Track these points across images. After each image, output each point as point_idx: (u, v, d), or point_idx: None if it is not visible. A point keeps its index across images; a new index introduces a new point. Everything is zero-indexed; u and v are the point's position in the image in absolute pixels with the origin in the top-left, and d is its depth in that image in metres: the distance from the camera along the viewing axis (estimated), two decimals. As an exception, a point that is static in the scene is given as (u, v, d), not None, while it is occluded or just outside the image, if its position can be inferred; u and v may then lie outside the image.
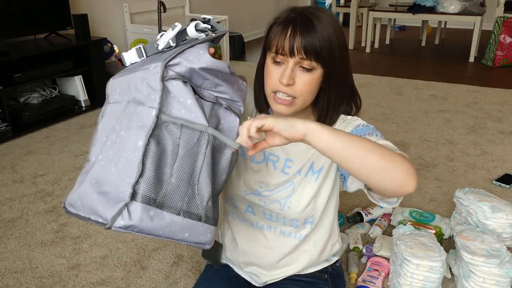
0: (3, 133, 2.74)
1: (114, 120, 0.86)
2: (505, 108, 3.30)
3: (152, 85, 0.81)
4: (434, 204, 2.04)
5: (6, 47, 2.74)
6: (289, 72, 0.94)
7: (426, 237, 1.49)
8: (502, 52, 4.46)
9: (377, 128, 1.02)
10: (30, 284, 1.58)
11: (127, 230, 0.76)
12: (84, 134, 2.89)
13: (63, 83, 3.28)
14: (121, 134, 0.81)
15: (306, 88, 0.96)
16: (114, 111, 0.87)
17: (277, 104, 0.99)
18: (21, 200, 2.11)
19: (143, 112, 0.80)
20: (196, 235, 0.83)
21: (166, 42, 0.89)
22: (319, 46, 0.92)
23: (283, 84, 0.95)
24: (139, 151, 0.77)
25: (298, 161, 1.08)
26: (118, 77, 0.89)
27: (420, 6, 4.92)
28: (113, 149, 0.81)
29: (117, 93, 0.88)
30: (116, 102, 0.88)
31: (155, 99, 0.79)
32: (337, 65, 0.97)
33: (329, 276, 1.21)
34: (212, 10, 4.92)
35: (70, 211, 0.83)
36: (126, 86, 0.86)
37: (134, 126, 0.79)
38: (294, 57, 0.93)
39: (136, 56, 0.92)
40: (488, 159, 2.48)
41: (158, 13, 3.77)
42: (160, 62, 0.82)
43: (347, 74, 1.02)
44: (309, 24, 0.92)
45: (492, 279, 1.38)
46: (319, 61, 0.94)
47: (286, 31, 0.93)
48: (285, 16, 0.96)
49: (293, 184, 1.08)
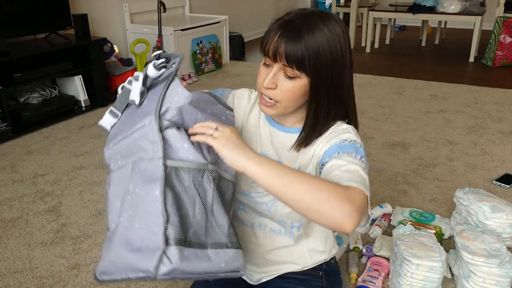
0: (3, 133, 2.74)
1: (124, 183, 0.89)
2: (505, 108, 3.30)
3: (152, 139, 0.85)
4: (434, 204, 2.04)
5: (6, 47, 2.74)
6: (271, 76, 0.95)
7: (426, 237, 1.49)
8: (502, 52, 4.46)
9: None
10: (30, 284, 1.58)
11: (171, 275, 0.79)
12: (84, 134, 2.89)
13: (63, 83, 3.28)
14: (136, 192, 0.85)
15: (286, 95, 0.96)
16: (122, 175, 0.91)
17: (261, 104, 1.01)
18: (21, 200, 2.11)
19: (152, 166, 0.84)
20: (230, 262, 0.88)
21: (138, 94, 0.91)
22: (301, 56, 0.91)
23: (264, 86, 0.97)
24: (159, 200, 0.81)
25: (287, 163, 1.08)
26: (113, 145, 0.93)
27: (420, 6, 4.92)
28: (132, 208, 0.85)
29: (118, 159, 0.92)
30: (120, 167, 0.92)
31: (158, 150, 0.84)
32: (326, 77, 0.94)
33: (324, 273, 1.21)
34: (212, 10, 4.92)
35: (104, 279, 0.86)
36: (127, 150, 0.90)
37: (148, 180, 0.84)
38: (278, 63, 0.94)
39: (112, 118, 0.96)
40: (488, 159, 2.48)
41: (158, 13, 3.77)
42: (150, 116, 0.86)
43: (339, 87, 0.98)
44: (297, 32, 0.91)
45: (492, 279, 1.38)
46: (302, 70, 0.93)
47: (275, 35, 0.93)
48: (284, 19, 0.95)
49: None
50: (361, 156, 0.97)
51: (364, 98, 3.50)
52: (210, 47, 4.30)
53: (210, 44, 4.29)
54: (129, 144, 0.89)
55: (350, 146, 0.98)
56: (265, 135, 1.11)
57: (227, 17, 4.52)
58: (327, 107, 1.00)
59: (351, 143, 0.99)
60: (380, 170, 2.36)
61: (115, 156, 0.93)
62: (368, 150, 2.58)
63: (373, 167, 2.38)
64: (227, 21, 4.52)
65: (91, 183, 2.26)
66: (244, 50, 5.03)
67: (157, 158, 0.84)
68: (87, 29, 3.26)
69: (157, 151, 0.84)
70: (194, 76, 4.07)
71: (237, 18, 5.42)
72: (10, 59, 2.76)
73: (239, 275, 0.90)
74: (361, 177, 0.90)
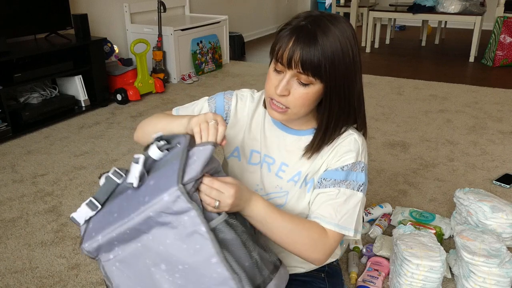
0: (3, 133, 2.74)
1: (142, 267, 0.89)
2: (505, 108, 3.30)
3: (179, 210, 0.81)
4: (434, 204, 2.04)
5: (6, 47, 2.74)
6: (284, 83, 0.94)
7: (426, 237, 1.49)
8: (502, 52, 4.46)
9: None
10: (30, 284, 1.58)
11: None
12: (84, 134, 2.89)
13: (63, 83, 3.28)
14: (180, 269, 0.85)
15: (299, 101, 0.95)
16: (132, 260, 0.89)
17: (272, 109, 1.00)
18: (21, 200, 2.11)
19: (192, 237, 0.82)
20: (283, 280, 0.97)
21: (138, 177, 0.87)
22: (317, 62, 0.90)
23: (277, 94, 0.95)
24: (220, 266, 0.82)
25: (294, 167, 1.08)
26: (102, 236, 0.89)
27: (420, 6, 4.92)
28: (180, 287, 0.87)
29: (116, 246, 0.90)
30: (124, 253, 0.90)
31: (193, 218, 0.82)
32: (340, 83, 0.94)
33: (326, 274, 1.22)
34: (212, 10, 4.92)
35: None
36: (134, 232, 0.87)
37: (192, 253, 0.83)
38: (292, 70, 0.92)
39: (89, 210, 0.91)
40: (488, 159, 2.48)
41: (158, 13, 3.77)
42: (170, 189, 0.81)
43: (351, 92, 0.98)
44: (312, 38, 0.89)
45: (492, 279, 1.38)
46: (317, 77, 0.92)
47: (289, 41, 0.91)
48: (295, 24, 0.93)
49: (287, 195, 1.08)
50: (360, 186, 1.02)
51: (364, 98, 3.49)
52: (210, 47, 4.30)
53: (210, 44, 4.30)
54: (136, 226, 0.85)
55: (354, 174, 1.01)
56: (270, 137, 1.10)
57: (227, 17, 4.52)
58: (339, 113, 1.00)
59: (355, 170, 1.02)
60: (380, 170, 2.36)
61: (109, 245, 0.89)
62: (368, 150, 2.57)
63: (373, 167, 2.38)
64: (227, 21, 4.52)
65: (91, 183, 2.26)
66: (244, 50, 5.03)
67: (196, 225, 0.82)
68: (87, 29, 3.26)
69: (189, 219, 0.82)
70: (194, 76, 4.07)
71: (237, 18, 5.42)
72: (10, 59, 2.76)
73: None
74: (349, 219, 1.00)
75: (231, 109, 1.12)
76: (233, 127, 1.12)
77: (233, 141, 1.12)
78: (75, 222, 0.92)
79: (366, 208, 1.94)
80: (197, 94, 3.68)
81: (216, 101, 1.13)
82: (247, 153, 1.11)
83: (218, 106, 1.13)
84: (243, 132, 1.12)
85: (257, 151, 1.10)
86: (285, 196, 1.08)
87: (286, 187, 1.08)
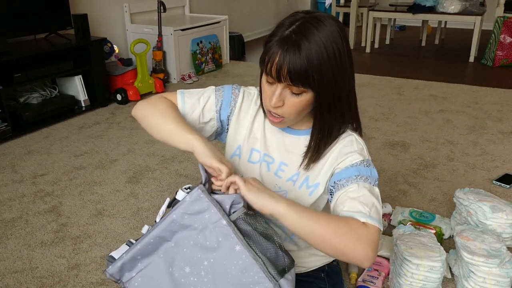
0: (3, 133, 2.74)
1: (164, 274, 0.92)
2: (505, 108, 3.30)
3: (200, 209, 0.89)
4: (434, 204, 2.04)
5: (6, 47, 2.74)
6: (277, 95, 0.95)
7: (426, 237, 1.49)
8: (502, 52, 4.46)
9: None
10: (30, 284, 1.58)
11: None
12: (84, 134, 2.89)
13: (63, 83, 3.28)
14: (205, 264, 0.89)
15: (293, 109, 0.98)
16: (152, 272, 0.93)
17: (270, 119, 1.03)
18: (21, 200, 2.11)
19: (214, 231, 0.88)
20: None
21: (161, 214, 0.93)
22: (305, 73, 0.90)
23: (272, 106, 0.97)
24: (245, 253, 0.87)
25: (293, 167, 1.08)
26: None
27: (420, 6, 4.92)
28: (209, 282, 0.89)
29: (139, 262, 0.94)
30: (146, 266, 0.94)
31: (213, 214, 0.88)
32: (328, 87, 0.94)
33: (326, 274, 1.22)
34: (212, 10, 4.92)
35: None
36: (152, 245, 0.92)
37: (216, 247, 0.88)
38: (282, 82, 0.94)
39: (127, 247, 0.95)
40: (488, 159, 2.48)
41: (158, 13, 3.77)
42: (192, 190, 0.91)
43: (340, 95, 0.98)
44: (297, 49, 0.89)
45: (492, 279, 1.38)
46: (306, 86, 0.93)
47: (276, 55, 0.91)
48: (280, 34, 0.92)
49: (286, 195, 1.08)
50: (375, 180, 1.01)
51: (364, 98, 3.50)
52: (210, 47, 4.30)
53: (210, 44, 4.29)
54: (160, 233, 0.91)
55: (366, 169, 1.01)
56: (270, 137, 1.11)
57: (227, 17, 4.52)
58: (332, 116, 1.00)
59: (366, 166, 1.02)
60: (380, 170, 2.36)
61: (133, 261, 0.94)
62: (368, 150, 2.57)
63: (373, 167, 2.38)
64: (227, 21, 4.52)
65: (91, 183, 2.26)
66: (244, 50, 5.03)
67: (217, 220, 0.88)
68: (87, 29, 3.26)
69: (210, 216, 0.88)
70: (194, 76, 4.07)
71: (237, 18, 5.41)
72: (10, 59, 2.76)
73: None
74: (377, 211, 0.95)
75: (236, 106, 1.13)
76: (236, 125, 1.13)
77: (236, 140, 1.13)
78: (111, 261, 0.95)
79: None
80: (197, 94, 3.68)
81: (223, 94, 1.14)
82: (247, 151, 1.11)
83: (225, 100, 1.13)
84: (245, 130, 1.12)
85: (257, 150, 1.11)
86: (284, 196, 1.08)
87: (285, 187, 1.08)
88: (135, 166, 2.44)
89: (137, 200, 2.10)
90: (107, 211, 2.01)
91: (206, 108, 1.11)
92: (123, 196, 2.14)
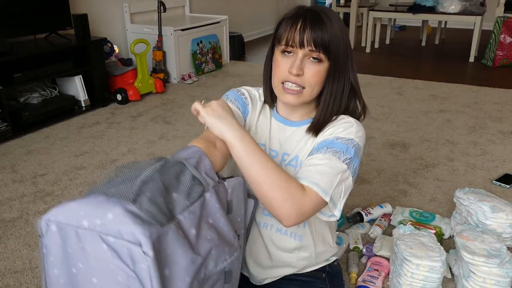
0: (3, 133, 2.74)
1: None
2: (505, 108, 3.30)
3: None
4: (434, 204, 2.04)
5: (6, 47, 2.74)
6: (298, 62, 0.98)
7: (426, 237, 1.49)
8: (502, 52, 4.46)
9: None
10: (30, 284, 1.58)
11: None
12: (84, 134, 2.89)
13: (63, 83, 3.28)
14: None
15: (314, 79, 0.99)
16: None
17: (286, 94, 1.01)
18: (21, 200, 2.11)
19: None
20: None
21: None
22: (327, 40, 0.96)
23: (293, 74, 0.98)
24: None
25: (292, 153, 1.10)
26: None
27: (420, 6, 4.92)
28: None
29: None
30: None
31: None
32: (342, 61, 1.00)
33: (327, 275, 1.22)
34: (212, 10, 4.92)
35: None
36: None
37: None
38: (304, 49, 0.97)
39: None
40: (488, 159, 2.48)
41: (158, 13, 3.77)
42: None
43: (350, 71, 1.04)
44: (319, 18, 0.96)
45: (492, 279, 1.38)
46: (326, 54, 0.97)
47: (296, 24, 0.97)
48: (294, 13, 1.00)
49: None
50: (347, 157, 0.98)
51: (364, 98, 3.48)
52: (210, 47, 4.30)
53: (210, 44, 4.29)
54: None
55: (342, 144, 0.99)
56: (273, 132, 1.13)
57: (227, 17, 4.52)
58: (341, 92, 1.04)
59: (343, 142, 1.00)
60: (380, 170, 2.36)
61: None
62: (368, 150, 2.58)
63: (373, 167, 2.38)
64: (227, 21, 4.52)
65: (91, 183, 2.26)
66: (244, 50, 5.03)
67: None
68: (87, 29, 3.26)
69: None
70: (194, 76, 4.07)
71: (237, 18, 5.41)
72: (10, 59, 2.76)
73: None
74: (328, 182, 0.94)
75: (249, 103, 1.14)
76: (248, 121, 1.13)
77: None
78: None
79: (366, 208, 1.94)
80: (197, 94, 3.68)
81: (236, 99, 1.13)
82: None
83: (240, 104, 1.13)
84: (253, 126, 1.13)
85: (262, 144, 1.12)
86: None
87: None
88: (135, 166, 2.43)
89: (137, 200, 2.10)
90: (107, 211, 2.01)
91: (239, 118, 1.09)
92: (123, 196, 2.14)
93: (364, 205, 2.01)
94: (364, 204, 2.02)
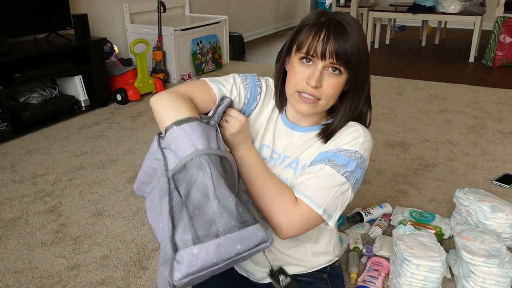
0: (3, 133, 2.74)
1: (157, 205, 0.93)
2: (505, 108, 3.30)
3: (158, 157, 0.93)
4: (434, 204, 2.04)
5: (6, 47, 2.74)
6: (317, 74, 0.96)
7: (426, 237, 1.49)
8: (502, 52, 4.46)
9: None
10: (30, 284, 1.58)
11: (188, 278, 0.80)
12: (84, 134, 2.89)
13: (63, 83, 3.28)
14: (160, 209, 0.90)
15: (330, 91, 0.98)
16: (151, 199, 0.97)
17: (302, 103, 1.00)
18: (21, 200, 2.11)
19: (162, 181, 0.90)
20: (247, 241, 0.84)
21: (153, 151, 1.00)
22: (350, 53, 0.94)
23: (312, 86, 0.96)
24: (166, 211, 0.85)
25: (293, 156, 1.10)
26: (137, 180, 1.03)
27: (420, 6, 4.92)
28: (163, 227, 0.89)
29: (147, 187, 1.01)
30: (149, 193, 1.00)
31: (161, 166, 0.90)
32: (363, 73, 1.00)
33: (328, 275, 1.21)
34: (212, 10, 4.92)
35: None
36: (147, 177, 1.00)
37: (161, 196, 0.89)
38: (325, 61, 0.95)
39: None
40: (488, 159, 2.48)
41: (158, 13, 3.77)
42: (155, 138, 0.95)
43: (368, 83, 1.04)
44: (343, 30, 0.93)
45: (492, 279, 1.38)
46: (347, 67, 0.96)
47: (319, 34, 0.94)
48: (316, 20, 0.96)
49: (287, 182, 1.08)
50: (346, 171, 0.99)
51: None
52: (210, 47, 4.30)
53: (210, 44, 4.29)
54: (147, 169, 0.97)
55: (343, 158, 1.00)
56: (279, 134, 1.11)
57: (227, 17, 4.52)
58: (360, 102, 1.04)
59: (346, 155, 1.00)
60: (380, 170, 2.36)
61: (140, 185, 1.01)
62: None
63: (373, 167, 2.38)
64: (227, 21, 4.52)
65: (91, 183, 2.26)
66: (244, 50, 5.03)
67: (159, 177, 0.90)
68: (87, 29, 3.26)
69: (160, 167, 0.90)
70: (194, 76, 4.07)
71: (237, 18, 5.41)
72: (10, 59, 2.76)
73: (267, 246, 0.86)
74: (322, 195, 0.97)
75: (260, 101, 1.11)
76: (254, 119, 1.11)
77: (252, 131, 1.11)
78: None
79: (366, 208, 1.94)
80: (197, 94, 3.67)
81: (251, 87, 1.10)
82: (258, 146, 1.11)
83: (252, 96, 1.10)
84: (260, 125, 1.11)
85: (267, 145, 1.11)
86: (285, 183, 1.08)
87: (284, 175, 1.08)
88: (135, 166, 2.43)
89: (137, 200, 2.10)
90: (107, 211, 2.01)
91: (235, 100, 1.07)
92: (123, 196, 2.14)
93: (364, 205, 2.01)
94: (364, 204, 2.02)
